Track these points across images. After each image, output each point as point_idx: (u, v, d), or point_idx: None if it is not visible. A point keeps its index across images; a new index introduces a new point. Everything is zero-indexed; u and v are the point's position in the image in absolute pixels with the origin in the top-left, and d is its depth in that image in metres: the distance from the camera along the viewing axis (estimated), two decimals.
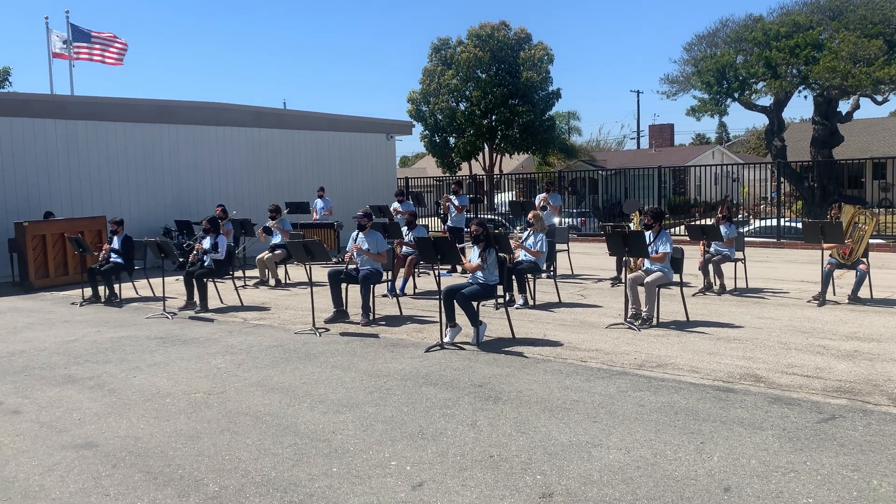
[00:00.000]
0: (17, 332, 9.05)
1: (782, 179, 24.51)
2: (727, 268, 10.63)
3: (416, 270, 11.72)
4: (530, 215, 9.89)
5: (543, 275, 10.78)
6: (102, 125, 15.50)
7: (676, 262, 8.61)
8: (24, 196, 14.34)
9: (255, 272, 12.99)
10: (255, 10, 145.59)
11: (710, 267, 10.35)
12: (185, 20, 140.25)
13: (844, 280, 10.44)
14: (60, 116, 14.89)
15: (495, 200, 33.77)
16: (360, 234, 9.06)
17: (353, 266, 8.99)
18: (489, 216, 24.44)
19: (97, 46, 21.37)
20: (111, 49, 21.58)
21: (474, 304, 7.53)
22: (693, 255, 10.49)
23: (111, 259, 11.25)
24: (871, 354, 6.67)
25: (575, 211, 25.07)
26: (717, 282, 10.37)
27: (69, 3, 29.10)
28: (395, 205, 14.95)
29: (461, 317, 7.70)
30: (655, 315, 8.24)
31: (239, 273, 12.81)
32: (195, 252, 10.40)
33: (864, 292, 9.36)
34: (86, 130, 15.24)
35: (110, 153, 15.64)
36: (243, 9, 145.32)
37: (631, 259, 8.74)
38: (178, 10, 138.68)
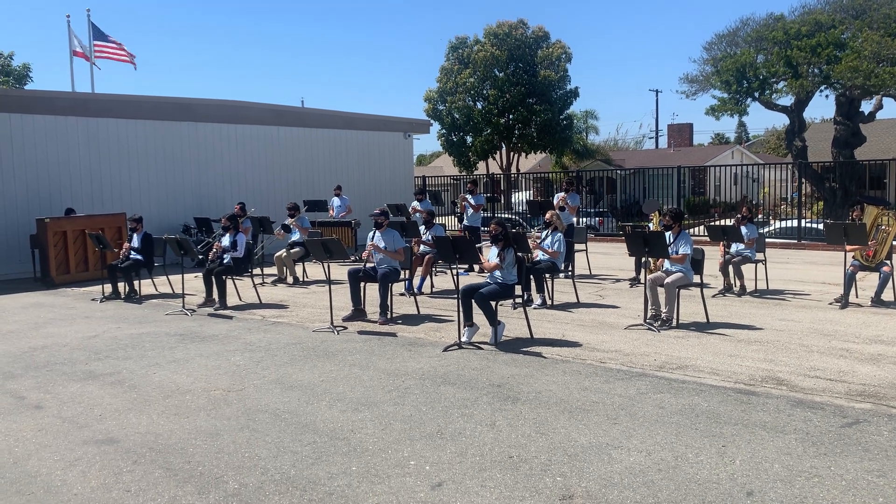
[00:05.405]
0: (39, 328, 9.14)
1: (803, 180, 24.26)
2: (747, 269, 10.53)
3: (434, 269, 11.72)
4: (549, 215, 9.86)
5: (561, 275, 10.74)
6: (123, 122, 15.63)
7: (697, 262, 8.55)
8: (46, 192, 14.49)
9: (274, 270, 13.05)
10: (272, 8, 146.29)
11: (731, 268, 10.26)
12: (202, 19, 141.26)
13: (867, 282, 10.31)
14: (82, 114, 15.03)
15: (512, 200, 33.70)
16: (377, 233, 9.08)
17: (372, 265, 9.01)
18: (506, 215, 24.39)
19: (112, 47, 21.68)
20: (123, 52, 21.92)
21: (492, 303, 7.50)
22: (713, 256, 10.40)
23: (131, 256, 11.35)
24: None
25: (593, 211, 24.97)
26: (738, 283, 10.27)
27: (90, 2, 29.40)
28: (415, 203, 14.94)
29: (479, 316, 7.67)
30: (675, 316, 8.18)
31: (257, 270, 12.87)
32: (214, 250, 10.46)
33: (887, 295, 9.24)
34: (106, 128, 15.37)
35: (130, 150, 15.77)
36: (261, 7, 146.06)
37: (651, 260, 8.68)
38: (195, 8, 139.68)
